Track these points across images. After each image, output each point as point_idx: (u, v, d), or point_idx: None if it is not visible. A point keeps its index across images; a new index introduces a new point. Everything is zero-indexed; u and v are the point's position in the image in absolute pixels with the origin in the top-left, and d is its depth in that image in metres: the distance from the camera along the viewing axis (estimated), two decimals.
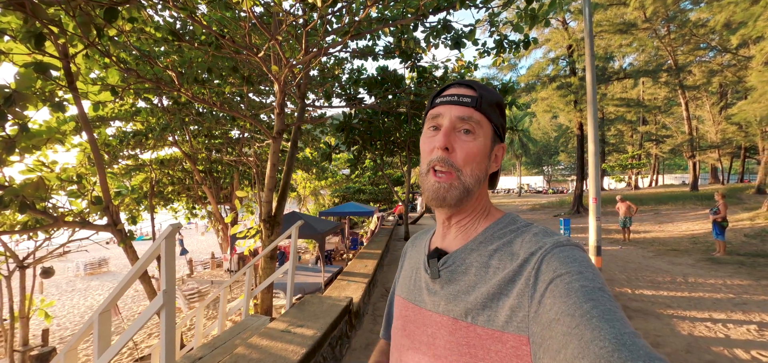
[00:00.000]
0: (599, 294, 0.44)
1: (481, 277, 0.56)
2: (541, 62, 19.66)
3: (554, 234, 0.56)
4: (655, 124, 31.39)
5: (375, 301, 5.31)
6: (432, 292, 0.62)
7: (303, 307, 3.68)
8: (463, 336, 0.55)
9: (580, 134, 20.08)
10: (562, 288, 0.46)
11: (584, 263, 0.49)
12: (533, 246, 0.54)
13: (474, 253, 0.59)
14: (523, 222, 0.61)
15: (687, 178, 34.13)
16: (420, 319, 0.62)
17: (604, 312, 0.42)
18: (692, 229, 12.67)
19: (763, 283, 6.28)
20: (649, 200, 20.66)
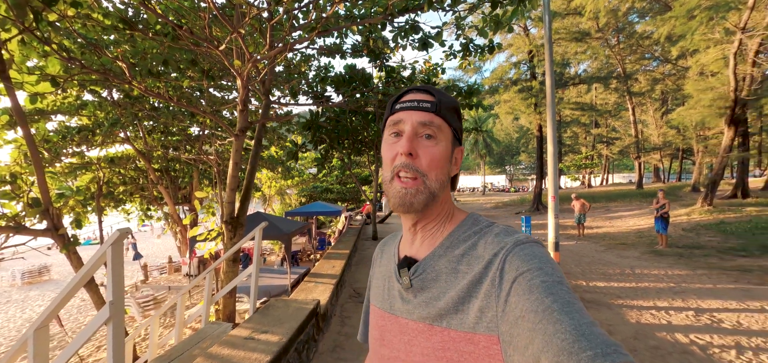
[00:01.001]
0: (558, 288, 0.46)
1: (451, 282, 0.57)
2: (504, 66, 20.46)
3: (515, 232, 0.58)
4: (606, 127, 33.68)
5: (343, 303, 5.24)
6: (405, 301, 0.63)
7: (268, 311, 3.55)
8: (439, 340, 0.56)
9: (540, 135, 21.11)
10: (524, 285, 0.48)
11: (544, 259, 0.51)
12: (496, 246, 0.56)
13: (442, 259, 0.60)
14: (486, 222, 0.63)
15: (633, 177, 36.92)
16: (396, 328, 0.63)
17: (564, 305, 0.44)
18: (638, 224, 13.70)
19: (699, 272, 6.92)
20: (600, 198, 22.11)
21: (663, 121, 26.45)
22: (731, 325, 4.37)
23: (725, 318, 4.60)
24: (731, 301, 5.20)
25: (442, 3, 5.11)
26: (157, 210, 14.34)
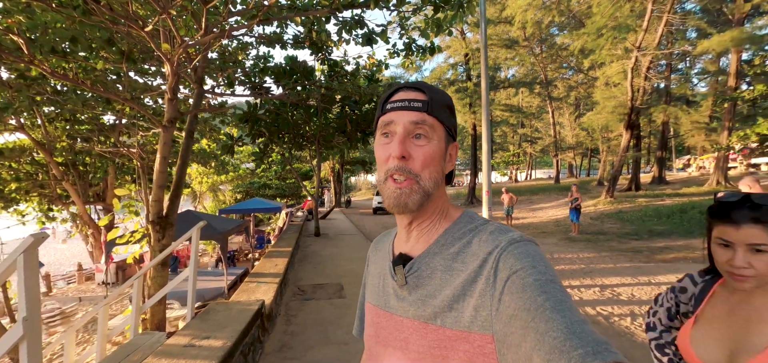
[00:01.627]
0: (551, 286, 0.47)
1: (446, 280, 0.57)
2: (443, 66, 21.48)
3: (509, 231, 0.58)
4: (530, 127, 37.15)
5: (287, 301, 5.12)
6: (400, 298, 0.62)
7: (207, 316, 3.34)
8: (434, 338, 0.56)
9: (474, 134, 22.57)
10: (518, 284, 0.48)
11: (536, 257, 0.51)
12: (490, 245, 0.55)
13: (437, 256, 0.60)
14: (480, 220, 0.63)
15: (552, 172, 41.31)
16: (392, 325, 0.63)
17: (556, 303, 0.44)
18: (556, 215, 15.40)
19: (603, 255, 8.05)
20: (525, 191, 24.37)
21: (576, 123, 30.04)
22: (627, 297, 5.19)
23: (622, 292, 5.44)
24: (627, 277, 6.16)
25: (388, 2, 5.20)
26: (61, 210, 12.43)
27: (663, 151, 21.56)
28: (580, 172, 41.75)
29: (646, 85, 14.95)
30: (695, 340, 1.04)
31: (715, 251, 1.00)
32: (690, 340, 1.05)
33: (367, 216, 20.62)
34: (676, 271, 6.45)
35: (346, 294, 5.31)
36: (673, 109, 17.14)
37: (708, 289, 1.09)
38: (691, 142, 23.00)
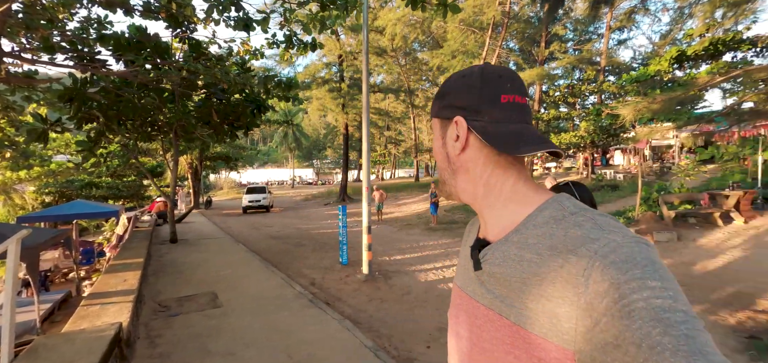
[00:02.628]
0: (671, 315, 0.37)
1: (518, 272, 0.51)
2: (317, 64, 21.47)
3: (612, 225, 0.48)
4: (395, 130, 40.74)
5: (147, 321, 4.32)
6: (477, 283, 0.59)
7: (38, 355, 2.56)
8: (508, 334, 0.51)
9: (346, 133, 23.38)
10: (621, 305, 0.39)
11: (649, 268, 0.41)
12: (580, 242, 0.47)
13: (511, 245, 0.54)
14: (572, 208, 0.52)
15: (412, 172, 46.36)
16: (470, 309, 0.60)
17: (680, 341, 0.35)
18: (417, 209, 17.42)
19: (457, 240, 9.62)
20: (391, 189, 26.63)
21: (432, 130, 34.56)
22: None
23: None
24: None
25: None
26: None
27: None
28: (434, 172, 48.24)
29: None
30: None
31: None
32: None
33: (232, 217, 18.83)
34: None
35: (222, 303, 4.82)
36: None
37: None
38: None
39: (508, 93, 0.58)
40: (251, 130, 10.83)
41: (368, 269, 6.22)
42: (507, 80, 0.59)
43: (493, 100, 0.58)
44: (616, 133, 16.51)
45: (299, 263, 7.53)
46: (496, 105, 0.58)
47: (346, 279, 6.18)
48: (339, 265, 7.10)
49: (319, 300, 4.94)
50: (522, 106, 0.59)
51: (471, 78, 0.60)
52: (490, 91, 0.58)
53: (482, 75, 0.59)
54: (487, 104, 0.58)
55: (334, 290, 5.59)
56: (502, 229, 0.57)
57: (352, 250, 8.09)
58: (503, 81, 0.59)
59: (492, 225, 0.59)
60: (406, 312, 4.61)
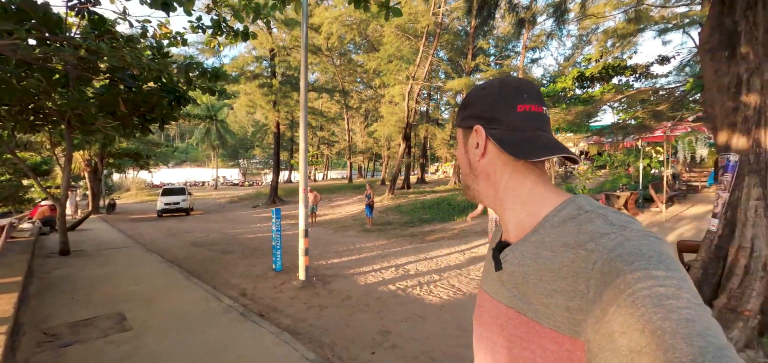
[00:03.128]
0: (674, 301, 0.39)
1: (535, 270, 0.54)
2: (247, 57, 20.02)
3: (624, 222, 0.50)
4: (328, 131, 40.08)
5: (29, 357, 3.48)
6: (499, 284, 0.62)
7: None
8: (525, 331, 0.54)
9: (277, 132, 22.28)
10: (627, 295, 0.41)
11: (654, 259, 0.43)
12: (592, 236, 0.49)
13: (530, 244, 0.56)
14: (588, 206, 0.54)
15: (346, 173, 46.10)
16: (491, 309, 0.64)
17: (680, 324, 0.37)
18: (352, 211, 17.32)
19: (392, 241, 9.74)
20: (324, 190, 26.12)
21: (365, 132, 34.79)
22: (414, 272, 6.54)
23: (410, 268, 6.81)
24: (411, 256, 7.74)
25: None
26: None
27: (424, 158, 28.18)
28: (367, 174, 48.59)
29: (416, 107, 19.20)
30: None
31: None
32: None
33: (143, 222, 16.61)
34: (439, 247, 8.63)
35: (131, 325, 4.13)
36: (431, 128, 22.73)
37: None
38: (440, 152, 31.09)
39: (525, 102, 0.62)
40: (168, 124, 9.64)
41: (305, 275, 5.93)
42: (524, 91, 0.63)
43: (509, 109, 0.62)
44: None
45: (227, 272, 6.88)
46: (513, 113, 0.62)
47: (282, 287, 5.80)
48: (272, 272, 6.66)
49: (251, 312, 4.53)
50: (538, 115, 0.62)
51: (490, 90, 0.64)
52: (506, 101, 0.62)
53: (501, 87, 0.64)
54: (503, 113, 0.62)
55: (269, 300, 5.20)
56: (521, 230, 0.60)
57: (286, 255, 7.67)
58: (520, 92, 0.63)
59: (512, 227, 0.62)
60: (347, 317, 4.47)
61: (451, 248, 8.52)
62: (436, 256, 7.75)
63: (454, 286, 5.65)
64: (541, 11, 8.84)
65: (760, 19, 3.07)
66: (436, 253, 8.03)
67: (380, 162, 36.79)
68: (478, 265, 6.85)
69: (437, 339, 3.83)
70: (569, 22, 11.61)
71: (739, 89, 3.23)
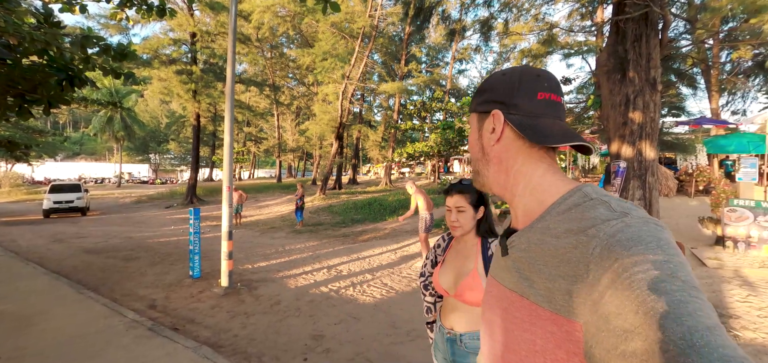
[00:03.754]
0: (668, 284, 0.39)
1: (539, 255, 0.55)
2: (162, 39, 17.78)
3: (625, 209, 0.50)
4: (255, 127, 37.81)
5: None
6: (505, 269, 0.63)
7: None
8: (527, 314, 0.55)
9: (197, 125, 20.30)
10: (624, 278, 0.41)
11: (652, 244, 0.43)
12: (592, 223, 0.49)
13: (535, 231, 0.58)
14: (593, 194, 0.55)
15: (274, 172, 43.99)
16: (498, 294, 0.64)
17: (672, 306, 0.37)
18: (281, 211, 16.56)
19: (324, 242, 9.52)
20: (250, 190, 24.57)
21: (297, 129, 33.60)
22: (347, 272, 6.45)
23: (343, 268, 6.71)
24: (344, 257, 7.64)
25: None
26: None
27: (356, 159, 28.22)
28: (297, 173, 47.00)
29: (349, 107, 19.11)
30: (440, 276, 1.55)
31: (446, 215, 1.56)
32: (438, 276, 1.55)
33: (21, 226, 13.76)
34: (371, 247, 8.68)
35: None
36: (364, 129, 22.84)
37: (449, 243, 1.65)
38: (372, 154, 31.47)
39: (545, 91, 0.63)
40: (56, 108, 8.06)
41: (228, 281, 5.45)
42: (544, 80, 0.64)
43: (530, 96, 0.62)
44: (456, 146, 19.66)
45: (131, 282, 6.01)
46: (533, 101, 0.62)
47: (200, 295, 5.25)
48: (189, 280, 6.00)
49: (163, 326, 4.00)
50: (557, 104, 0.63)
51: (512, 76, 0.65)
52: (527, 88, 0.63)
53: (522, 73, 0.64)
54: (524, 99, 0.62)
55: (185, 311, 4.65)
56: (529, 217, 0.61)
57: (206, 260, 6.99)
58: (541, 80, 0.63)
59: (521, 214, 0.64)
60: (277, 324, 4.20)
61: (384, 248, 8.63)
62: (369, 256, 7.77)
63: (387, 285, 5.71)
64: (469, 26, 9.52)
65: (644, 50, 3.67)
66: (369, 253, 8.06)
67: (311, 161, 35.88)
68: (410, 264, 7.04)
69: (372, 339, 3.81)
70: (492, 39, 12.71)
71: (627, 107, 3.82)
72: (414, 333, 3.94)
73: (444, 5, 8.64)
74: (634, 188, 3.84)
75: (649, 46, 3.57)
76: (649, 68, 3.59)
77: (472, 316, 1.47)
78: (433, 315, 1.70)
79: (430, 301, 1.70)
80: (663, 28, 4.06)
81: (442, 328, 1.55)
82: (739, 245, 6.28)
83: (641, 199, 3.85)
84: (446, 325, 1.53)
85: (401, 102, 22.94)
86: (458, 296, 1.46)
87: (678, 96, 15.43)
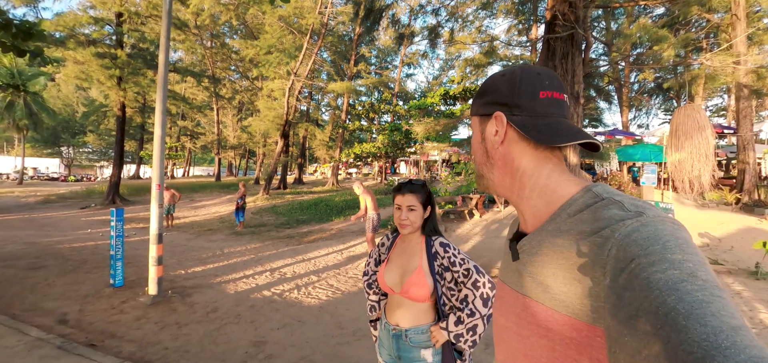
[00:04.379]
0: (688, 283, 0.38)
1: (552, 258, 0.53)
2: (80, 16, 15.60)
3: (639, 207, 0.49)
4: (192, 120, 35.02)
5: None
6: (516, 273, 0.62)
7: None
8: (543, 319, 0.54)
9: (122, 116, 18.24)
10: (642, 278, 0.40)
11: (670, 243, 0.42)
12: (607, 223, 0.48)
13: (546, 233, 0.56)
14: (605, 194, 0.54)
15: (212, 170, 41.13)
16: (510, 299, 0.63)
17: (694, 306, 0.36)
18: (219, 212, 15.55)
19: (267, 243, 9.12)
20: (184, 189, 22.69)
21: (239, 125, 31.79)
22: (291, 275, 6.24)
23: (287, 271, 6.48)
24: (288, 259, 7.39)
25: None
26: None
27: (302, 158, 27.50)
28: (238, 171, 44.46)
29: (296, 104, 18.57)
30: (385, 274, 1.57)
31: (394, 213, 1.58)
32: (383, 274, 1.57)
33: None
34: (318, 248, 8.51)
35: None
36: (311, 127, 22.35)
37: (394, 241, 1.67)
38: (319, 153, 30.91)
39: (547, 89, 0.61)
40: None
41: (157, 288, 4.97)
42: (545, 78, 0.62)
43: (532, 95, 0.61)
44: (403, 147, 20.11)
45: (35, 295, 5.20)
46: (535, 100, 0.61)
47: (123, 306, 4.72)
48: (109, 289, 5.36)
49: (76, 343, 3.52)
50: (560, 102, 0.62)
51: (512, 76, 0.63)
52: (529, 87, 0.61)
53: (522, 73, 0.63)
54: (526, 99, 0.61)
55: (104, 324, 4.14)
56: (538, 220, 0.60)
57: (131, 266, 6.32)
58: (542, 78, 0.62)
59: (529, 216, 0.62)
60: (214, 333, 3.92)
61: (330, 248, 8.52)
62: (314, 257, 7.61)
63: (333, 286, 5.64)
64: (418, 32, 9.78)
65: (570, 66, 4.07)
66: (314, 254, 7.89)
67: (254, 160, 34.20)
68: (356, 264, 7.02)
69: (317, 341, 3.73)
70: (439, 46, 13.23)
71: None
72: (360, 332, 3.94)
73: (394, 9, 8.82)
74: None
75: (574, 64, 3.99)
76: (573, 83, 4.00)
77: (417, 312, 1.51)
78: (378, 313, 1.71)
79: (374, 300, 1.71)
80: (586, 49, 4.57)
81: (388, 325, 1.57)
82: None
83: None
84: (392, 322, 1.55)
85: (350, 102, 22.85)
86: (404, 293, 1.49)
87: (596, 109, 17.45)
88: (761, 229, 8.43)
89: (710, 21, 11.67)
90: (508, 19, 12.35)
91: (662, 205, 7.37)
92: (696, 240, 7.87)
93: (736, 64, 6.83)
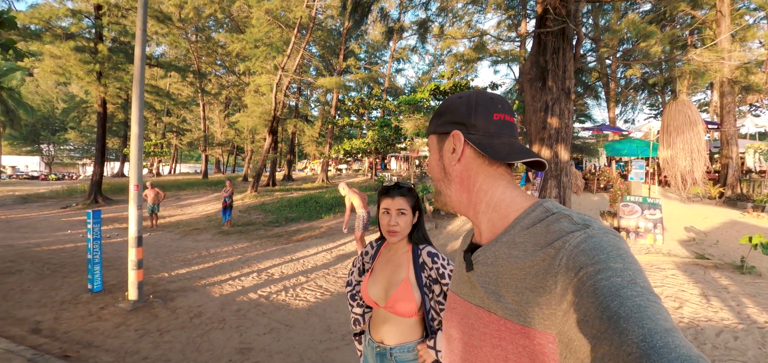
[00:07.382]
0: (629, 290, 0.42)
1: (506, 269, 0.56)
2: (56, 8, 14.97)
3: (585, 222, 0.53)
4: (177, 117, 34.23)
5: None
6: (469, 285, 0.64)
7: None
8: (495, 329, 0.56)
9: (103, 112, 17.68)
10: (588, 286, 0.44)
11: (613, 253, 0.46)
12: (558, 236, 0.52)
13: (501, 245, 0.59)
14: (555, 209, 0.58)
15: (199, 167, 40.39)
16: (462, 310, 0.65)
17: (633, 310, 0.39)
18: (206, 210, 15.24)
19: (254, 243, 8.93)
20: (170, 187, 22.21)
21: (226, 122, 31.19)
22: (279, 276, 6.09)
23: (275, 272, 6.33)
24: (276, 259, 7.23)
25: None
26: None
27: (291, 154, 27.14)
28: (226, 168, 43.73)
29: (284, 100, 18.24)
30: (369, 286, 1.45)
31: (381, 218, 1.46)
32: (367, 286, 1.45)
33: None
34: (307, 247, 8.36)
35: None
36: (300, 123, 22.03)
37: (378, 250, 1.55)
38: (308, 149, 30.58)
39: (500, 112, 0.66)
40: None
41: (138, 293, 4.77)
42: (498, 102, 0.67)
43: (486, 117, 0.66)
44: (393, 143, 19.99)
45: (8, 302, 4.94)
46: (490, 121, 0.66)
47: (101, 312, 4.51)
48: (87, 295, 5.13)
49: (48, 355, 3.33)
50: (510, 124, 0.67)
51: (468, 99, 0.68)
52: (483, 109, 0.66)
53: (477, 97, 0.67)
54: (481, 120, 0.65)
55: (80, 333, 3.95)
56: (493, 232, 0.63)
57: (111, 270, 6.09)
58: (495, 102, 0.67)
59: (484, 229, 0.65)
60: (198, 339, 3.77)
61: (319, 247, 8.38)
62: (303, 257, 7.46)
63: (322, 287, 5.51)
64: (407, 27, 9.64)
65: (560, 62, 4.01)
66: (303, 254, 7.74)
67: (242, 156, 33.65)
68: (346, 263, 6.90)
69: (305, 347, 3.61)
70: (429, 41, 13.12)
71: (546, 113, 4.15)
72: (349, 337, 3.83)
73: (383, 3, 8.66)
74: (551, 187, 4.21)
75: (566, 59, 3.93)
76: (564, 79, 3.95)
77: (403, 328, 1.40)
78: (362, 326, 1.60)
79: (359, 312, 1.59)
80: (576, 44, 4.52)
81: (372, 342, 1.46)
82: (630, 235, 7.33)
83: (557, 197, 4.23)
84: (376, 339, 1.44)
85: (339, 97, 22.60)
86: (389, 307, 1.38)
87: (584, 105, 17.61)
88: (744, 222, 8.61)
89: (695, 17, 11.83)
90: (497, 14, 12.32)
91: (650, 200, 7.44)
92: (682, 234, 7.99)
93: (722, 60, 6.90)
